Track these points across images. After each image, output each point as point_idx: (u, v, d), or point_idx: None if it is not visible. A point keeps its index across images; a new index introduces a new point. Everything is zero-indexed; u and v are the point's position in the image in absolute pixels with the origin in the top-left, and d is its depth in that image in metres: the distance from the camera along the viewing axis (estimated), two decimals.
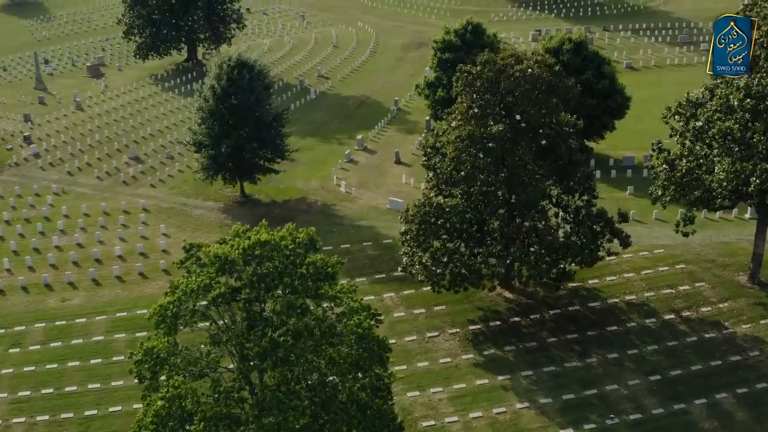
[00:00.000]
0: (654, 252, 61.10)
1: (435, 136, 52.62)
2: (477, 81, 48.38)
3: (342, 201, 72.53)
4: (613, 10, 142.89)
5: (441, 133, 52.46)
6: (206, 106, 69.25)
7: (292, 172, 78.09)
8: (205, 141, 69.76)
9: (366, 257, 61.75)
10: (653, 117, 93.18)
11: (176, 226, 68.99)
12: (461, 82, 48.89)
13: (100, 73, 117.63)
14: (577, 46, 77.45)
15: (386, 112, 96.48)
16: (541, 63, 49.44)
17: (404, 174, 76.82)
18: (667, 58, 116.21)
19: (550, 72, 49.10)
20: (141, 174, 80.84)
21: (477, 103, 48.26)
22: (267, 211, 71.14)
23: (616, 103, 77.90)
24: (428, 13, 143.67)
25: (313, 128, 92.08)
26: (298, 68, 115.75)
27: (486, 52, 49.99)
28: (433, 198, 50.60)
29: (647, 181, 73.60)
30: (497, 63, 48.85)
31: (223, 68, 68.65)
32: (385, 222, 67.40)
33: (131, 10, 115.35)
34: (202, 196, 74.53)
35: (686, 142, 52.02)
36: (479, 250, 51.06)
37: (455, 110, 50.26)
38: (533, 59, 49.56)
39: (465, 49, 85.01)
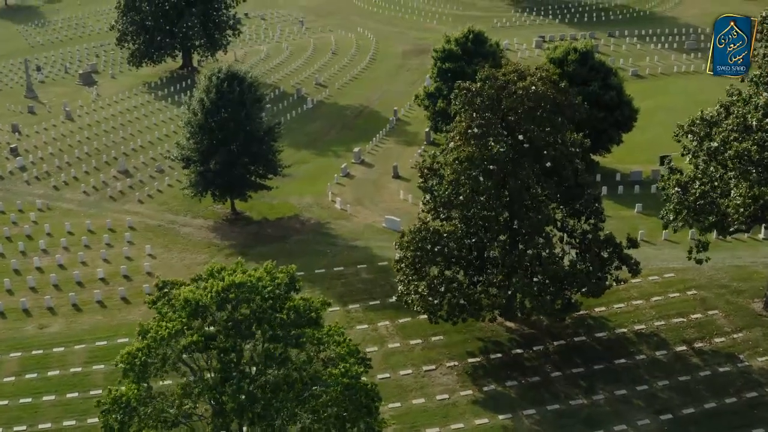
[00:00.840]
0: (664, 276, 57.95)
1: (432, 157, 49.52)
2: (477, 98, 45.29)
3: (337, 219, 69.43)
4: (618, 16, 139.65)
5: (439, 153, 49.33)
6: (194, 120, 66.23)
7: (285, 187, 75.01)
8: (194, 156, 66.70)
9: (360, 281, 58.66)
10: (660, 127, 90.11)
11: (163, 245, 65.93)
12: (460, 100, 45.80)
13: (92, 81, 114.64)
14: (583, 56, 74.32)
15: (385, 122, 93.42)
16: (546, 79, 46.35)
17: (402, 190, 73.69)
18: (674, 66, 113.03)
19: (555, 89, 46.03)
20: (129, 189, 77.82)
21: (477, 122, 45.19)
22: (258, 230, 68.14)
23: (624, 116, 74.78)
24: (430, 18, 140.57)
25: (308, 140, 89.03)
26: (296, 76, 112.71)
27: (486, 67, 46.83)
28: (430, 223, 47.50)
29: (655, 198, 70.58)
30: (498, 79, 45.75)
31: (212, 80, 65.61)
32: (380, 242, 64.29)
33: (124, 16, 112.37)
34: (191, 213, 71.49)
35: (700, 163, 48.84)
36: (479, 279, 47.98)
37: (454, 129, 47.17)
38: (537, 75, 46.48)
39: (466, 59, 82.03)
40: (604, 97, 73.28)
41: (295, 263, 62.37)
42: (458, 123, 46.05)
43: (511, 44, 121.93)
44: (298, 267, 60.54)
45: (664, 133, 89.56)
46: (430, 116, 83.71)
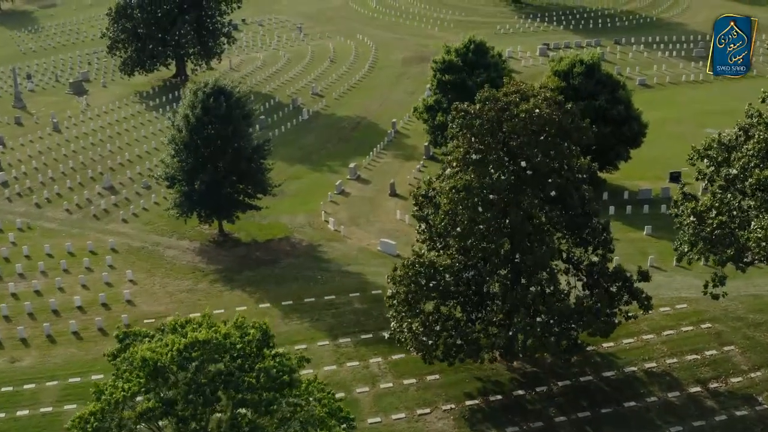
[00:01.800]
0: (676, 308, 54.31)
1: (427, 183, 45.95)
2: (476, 121, 41.70)
3: (330, 241, 65.88)
4: (624, 22, 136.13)
5: (434, 179, 45.77)
6: (179, 138, 62.72)
7: (277, 205, 71.49)
8: (178, 176, 63.20)
9: (352, 312, 55.09)
10: (669, 140, 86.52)
11: (145, 270, 62.41)
12: (457, 123, 42.25)
13: (83, 90, 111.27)
14: (589, 68, 70.70)
15: (383, 134, 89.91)
16: (551, 100, 42.76)
17: (398, 209, 70.10)
18: (683, 74, 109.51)
19: (560, 111, 42.41)
20: (114, 207, 74.31)
21: (475, 147, 41.62)
22: (247, 253, 64.63)
23: (632, 132, 71.13)
24: (431, 24, 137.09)
25: (303, 154, 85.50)
26: (292, 85, 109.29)
27: (486, 88, 43.20)
28: (424, 255, 43.90)
29: (666, 219, 66.97)
30: (500, 100, 42.17)
31: (197, 95, 62.08)
32: (375, 267, 60.71)
33: (115, 24, 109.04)
34: (177, 234, 67.98)
35: (717, 191, 45.22)
36: (478, 315, 44.40)
37: (450, 154, 43.59)
38: (541, 95, 42.90)
39: (467, 70, 78.53)
40: (611, 111, 69.70)
41: (284, 291, 59.92)
42: (455, 148, 42.46)
43: (514, 52, 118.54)
44: (286, 295, 58.55)
45: (673, 146, 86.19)
46: (429, 130, 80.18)
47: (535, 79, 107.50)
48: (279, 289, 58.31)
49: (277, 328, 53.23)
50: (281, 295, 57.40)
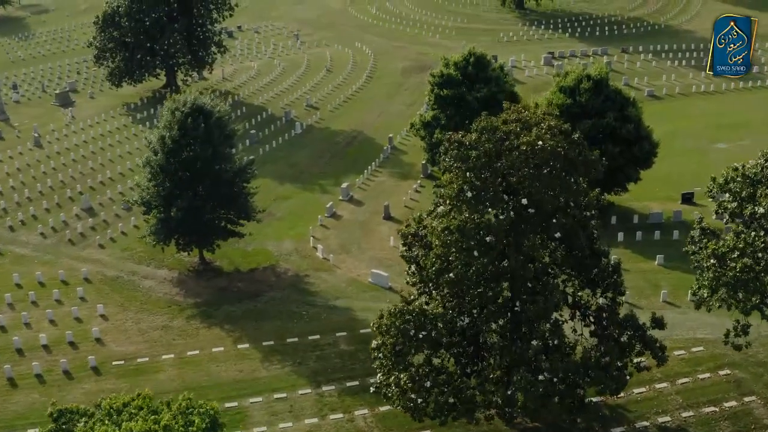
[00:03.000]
0: (692, 351, 49.76)
1: (417, 221, 41.44)
2: (471, 153, 37.21)
3: (317, 270, 61.39)
4: (632, 29, 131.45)
5: (426, 216, 41.27)
6: (155, 161, 58.33)
7: (263, 229, 67.09)
8: (154, 201, 58.82)
9: (337, 354, 50.60)
10: (680, 157, 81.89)
11: (118, 304, 58.01)
12: (451, 156, 37.73)
13: (69, 101, 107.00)
14: (597, 84, 66.14)
15: (379, 150, 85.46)
16: (555, 129, 38.25)
17: (392, 235, 65.35)
18: (693, 85, 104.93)
19: (566, 141, 37.90)
20: (91, 230, 69.95)
21: (471, 183, 37.12)
22: (228, 284, 60.19)
23: (643, 151, 66.48)
24: (432, 32, 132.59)
25: (294, 171, 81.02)
26: (286, 96, 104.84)
27: (483, 116, 38.66)
28: (414, 302, 39.42)
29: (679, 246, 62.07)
30: (499, 129, 37.68)
31: (174, 115, 57.68)
32: (365, 302, 56.26)
33: (102, 33, 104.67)
34: (155, 262, 63.57)
35: (740, 230, 40.66)
36: (473, 369, 39.90)
37: (443, 187, 39.12)
38: (545, 124, 38.39)
39: (467, 84, 74.04)
40: (620, 130, 65.12)
41: (265, 328, 55.28)
42: (448, 184, 37.94)
43: (518, 61, 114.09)
44: (267, 334, 53.36)
45: (685, 163, 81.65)
46: (426, 147, 75.72)
47: (539, 90, 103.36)
48: (260, 327, 53.90)
49: (256, 373, 49.07)
50: (262, 334, 52.99)
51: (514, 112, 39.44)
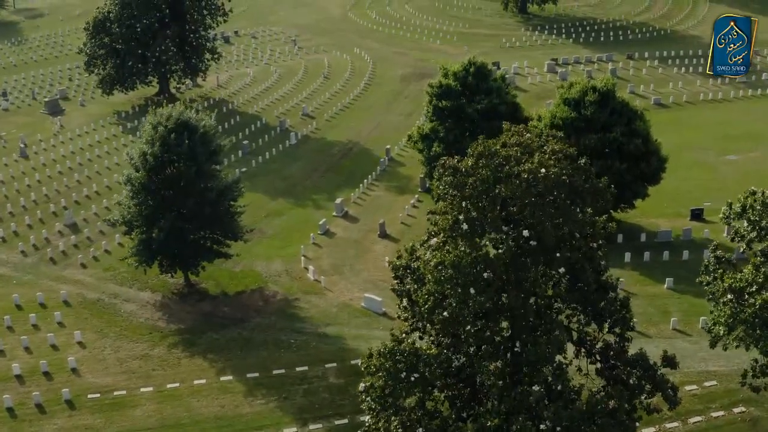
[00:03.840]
0: (704, 386, 46.59)
1: (409, 252, 38.30)
2: (468, 180, 34.08)
3: (308, 293, 58.30)
4: (637, 35, 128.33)
5: (419, 246, 38.12)
6: (136, 178, 55.30)
7: (252, 248, 64.10)
8: (136, 221, 55.80)
9: (326, 388, 47.47)
10: (689, 170, 78.66)
11: (97, 330, 54.97)
12: (445, 183, 34.60)
13: (59, 110, 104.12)
14: (603, 96, 63.00)
15: (376, 163, 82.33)
16: (560, 154, 35.12)
17: (387, 255, 62.29)
18: (701, 92, 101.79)
19: (572, 168, 34.76)
20: (73, 248, 66.95)
21: (467, 213, 34.00)
22: (213, 309, 57.16)
23: (651, 168, 63.30)
24: (433, 37, 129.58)
25: (287, 186, 77.94)
26: (281, 104, 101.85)
27: (481, 140, 35.53)
28: (405, 341, 36.26)
29: (688, 267, 59.43)
30: (498, 154, 34.53)
31: (157, 130, 54.65)
32: (356, 329, 53.18)
33: (93, 39, 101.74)
34: (138, 284, 60.52)
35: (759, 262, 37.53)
36: (469, 412, 36.74)
37: (437, 215, 35.99)
38: (549, 147, 35.28)
39: (467, 94, 70.98)
40: (627, 146, 61.99)
41: (251, 359, 51.66)
42: (443, 215, 34.79)
43: (520, 68, 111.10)
44: (252, 365, 49.18)
45: (694, 176, 78.46)
46: (424, 161, 72.62)
47: (543, 99, 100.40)
48: (245, 357, 50.83)
49: (239, 409, 46.06)
50: (247, 365, 49.91)
51: (514, 134, 36.32)
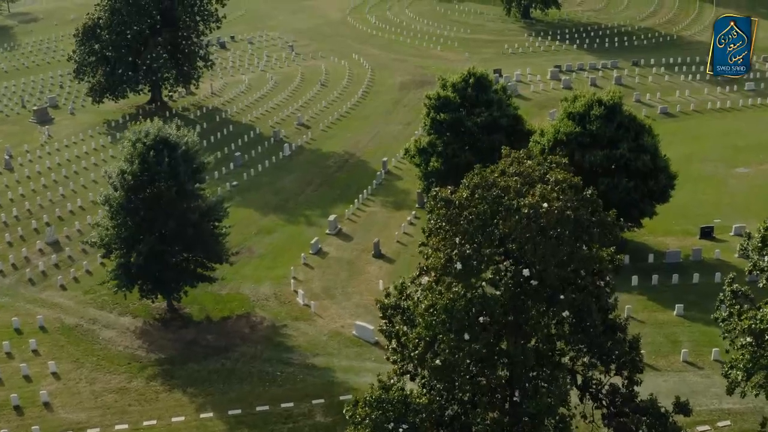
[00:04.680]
0: (717, 425, 43.42)
1: (399, 291, 35.19)
2: (462, 213, 30.99)
3: (296, 320, 55.16)
4: (642, 40, 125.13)
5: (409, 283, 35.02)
6: (114, 198, 52.23)
7: (240, 269, 61.08)
8: (114, 244, 52.74)
9: (312, 428, 44.28)
10: (697, 183, 75.37)
11: (73, 359, 51.88)
12: (437, 217, 31.51)
13: (48, 118, 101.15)
14: (610, 110, 59.77)
15: (372, 176, 79.22)
16: (564, 184, 32.02)
17: (382, 277, 59.28)
18: (708, 101, 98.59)
19: (577, 200, 31.65)
20: (54, 268, 63.91)
21: (461, 251, 30.87)
22: (196, 336, 54.02)
23: (659, 185, 60.05)
24: (434, 43, 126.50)
25: (279, 200, 74.81)
26: (276, 113, 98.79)
27: (477, 169, 32.42)
28: (393, 388, 33.15)
29: (699, 292, 56.44)
30: (495, 186, 31.42)
31: (136, 147, 51.58)
32: (347, 359, 50.05)
33: (82, 46, 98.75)
34: (119, 308, 57.44)
35: None
36: None
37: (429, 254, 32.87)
38: (552, 176, 32.19)
39: (467, 107, 67.81)
40: (635, 162, 58.79)
41: (233, 393, 47.46)
42: (434, 252, 31.67)
43: (523, 75, 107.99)
44: (235, 400, 45.61)
45: (702, 190, 75.11)
46: (421, 176, 69.47)
47: (546, 108, 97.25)
48: (227, 391, 47.70)
49: None
50: (229, 401, 46.80)
51: (513, 161, 33.20)
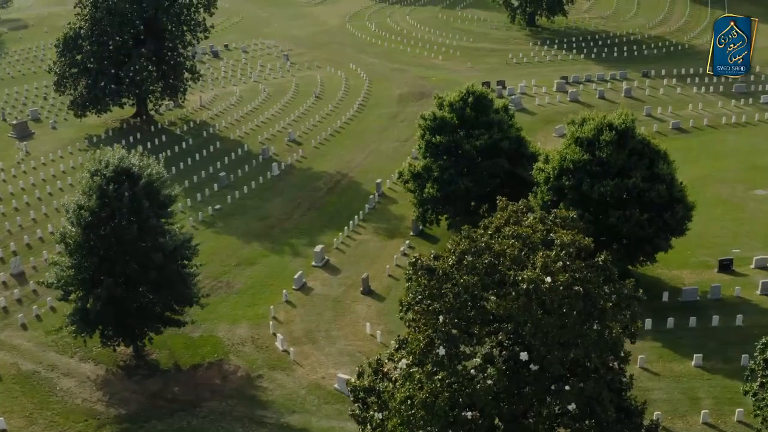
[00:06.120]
0: None
1: (374, 371, 29.91)
2: (446, 288, 25.71)
3: (274, 369, 49.90)
4: (653, 50, 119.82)
5: (385, 360, 29.74)
6: (71, 235, 47.06)
7: (216, 307, 55.97)
8: (71, 286, 47.60)
9: None
10: (714, 208, 69.89)
11: (26, 414, 46.75)
12: (417, 289, 26.22)
13: (28, 133, 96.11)
14: (621, 135, 54.34)
15: (365, 198, 73.98)
16: (572, 247, 26.69)
17: (369, 320, 54.03)
18: (723, 115, 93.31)
19: (587, 267, 26.34)
20: (16, 304, 58.82)
21: (444, 333, 25.59)
22: (162, 387, 48.79)
23: (676, 218, 54.60)
24: (435, 52, 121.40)
25: (263, 227, 69.60)
26: (268, 128, 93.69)
27: (466, 229, 27.15)
28: None
29: (719, 337, 51.39)
30: (487, 252, 26.12)
31: (94, 180, 46.40)
32: (326, 419, 44.79)
33: (63, 57, 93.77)
34: (80, 352, 52.30)
35: None
36: None
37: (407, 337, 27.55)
38: (558, 239, 26.90)
39: (464, 129, 62.57)
40: (649, 193, 53.40)
41: None
42: (413, 336, 26.37)
43: (528, 87, 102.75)
44: None
45: (719, 215, 69.47)
46: (416, 203, 64.22)
47: (551, 123, 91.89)
48: None
49: None
50: None
51: (511, 217, 27.85)
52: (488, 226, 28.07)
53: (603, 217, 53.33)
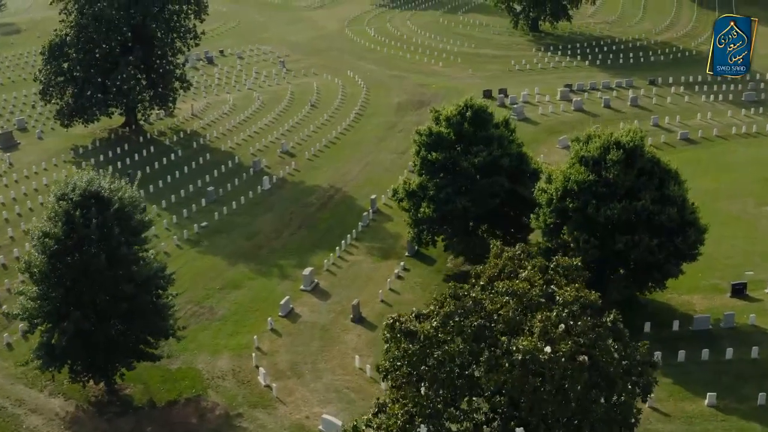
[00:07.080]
0: None
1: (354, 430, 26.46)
2: (429, 354, 22.23)
3: (255, 406, 46.37)
4: (660, 56, 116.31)
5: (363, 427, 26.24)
6: (36, 264, 43.65)
7: (197, 335, 52.56)
8: (37, 318, 44.19)
9: None
10: (725, 226, 66.11)
11: None
12: (395, 354, 22.73)
13: (13, 143, 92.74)
14: (629, 154, 50.64)
15: (359, 216, 70.49)
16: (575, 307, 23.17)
17: (359, 352, 50.49)
18: (733, 125, 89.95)
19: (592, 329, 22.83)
20: None
21: (426, 406, 22.11)
22: (135, 427, 45.29)
23: (687, 242, 50.96)
24: (436, 58, 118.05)
25: (251, 247, 66.13)
26: (260, 139, 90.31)
27: (452, 286, 23.87)
28: None
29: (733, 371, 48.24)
30: (476, 311, 22.64)
31: (60, 206, 42.98)
32: None
33: (48, 65, 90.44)
34: (50, 386, 48.84)
35: None
36: None
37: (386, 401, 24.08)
38: (560, 295, 23.38)
39: (462, 145, 59.07)
40: (659, 216, 49.79)
41: None
42: (390, 407, 22.93)
43: (530, 95, 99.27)
44: None
45: (731, 236, 65.62)
46: (411, 223, 60.73)
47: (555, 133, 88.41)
48: None
49: None
50: None
51: (507, 265, 24.35)
52: (480, 275, 24.62)
53: (610, 242, 49.76)
